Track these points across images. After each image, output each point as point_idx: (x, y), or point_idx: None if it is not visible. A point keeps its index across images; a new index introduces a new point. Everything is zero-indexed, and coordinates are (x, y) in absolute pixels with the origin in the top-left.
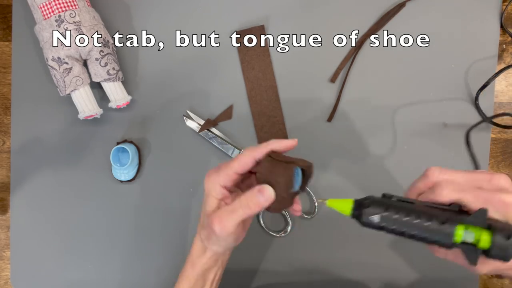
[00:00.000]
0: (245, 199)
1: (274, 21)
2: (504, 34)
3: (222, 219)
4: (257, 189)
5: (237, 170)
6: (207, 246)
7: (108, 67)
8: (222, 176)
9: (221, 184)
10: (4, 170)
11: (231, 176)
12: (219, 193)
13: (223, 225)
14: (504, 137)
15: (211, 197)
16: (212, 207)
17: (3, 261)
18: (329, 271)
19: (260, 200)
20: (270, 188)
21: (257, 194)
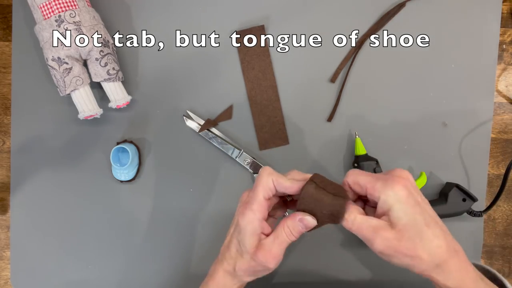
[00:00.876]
0: (287, 229)
1: (274, 21)
2: (504, 34)
3: (276, 254)
4: (298, 218)
5: (265, 196)
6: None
7: (108, 67)
8: (257, 211)
9: (258, 218)
10: (4, 170)
11: (263, 206)
12: (258, 229)
13: (277, 260)
14: (504, 137)
15: (250, 234)
16: (254, 244)
17: (3, 261)
18: (329, 271)
19: (301, 229)
20: (311, 218)
21: (299, 224)
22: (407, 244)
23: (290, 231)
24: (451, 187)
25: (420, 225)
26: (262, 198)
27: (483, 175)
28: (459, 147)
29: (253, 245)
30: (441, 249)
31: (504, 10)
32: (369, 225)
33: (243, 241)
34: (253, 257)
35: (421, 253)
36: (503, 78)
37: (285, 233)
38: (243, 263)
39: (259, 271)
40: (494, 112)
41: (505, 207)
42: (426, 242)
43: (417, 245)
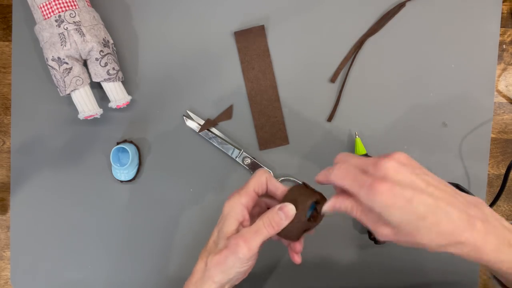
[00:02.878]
0: (267, 218)
1: (274, 21)
2: (504, 34)
3: (248, 239)
4: (278, 207)
5: (255, 188)
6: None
7: (108, 67)
8: (243, 195)
9: (242, 203)
10: (4, 170)
11: (251, 195)
12: (239, 213)
13: (249, 246)
14: (504, 137)
15: (230, 218)
16: (232, 229)
17: (3, 261)
18: (329, 269)
19: (281, 217)
20: (291, 205)
21: (278, 211)
22: (405, 238)
23: (269, 220)
24: None
25: (413, 221)
26: (251, 189)
27: (483, 175)
28: (459, 147)
29: (231, 229)
30: (444, 235)
31: (504, 10)
32: (369, 219)
33: (222, 226)
34: (225, 241)
35: (422, 241)
36: (503, 78)
37: (262, 221)
38: (216, 253)
39: (231, 266)
40: (494, 112)
41: (505, 207)
42: (424, 233)
43: (415, 237)
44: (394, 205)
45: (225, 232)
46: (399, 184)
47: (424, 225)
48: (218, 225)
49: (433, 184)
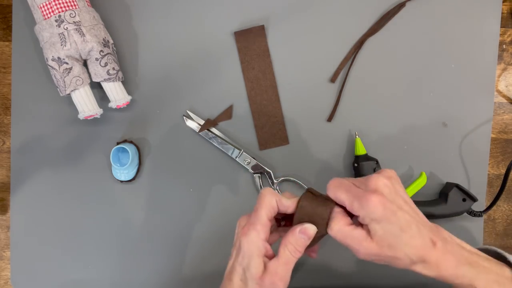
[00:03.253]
0: (291, 245)
1: (274, 21)
2: (504, 34)
3: (282, 275)
4: (298, 230)
5: (269, 216)
6: None
7: (108, 67)
8: (261, 230)
9: (262, 238)
10: (4, 170)
11: (267, 226)
12: (262, 250)
13: (285, 280)
14: (504, 137)
15: (255, 258)
16: (260, 269)
17: (3, 261)
18: (329, 269)
19: (304, 239)
20: (311, 225)
21: (300, 235)
22: (386, 251)
23: (294, 247)
24: (451, 187)
25: (396, 232)
26: (266, 218)
27: (483, 175)
28: (459, 147)
29: (260, 269)
30: (416, 248)
31: (504, 10)
32: (352, 237)
33: (248, 265)
34: (259, 282)
35: (399, 255)
36: (503, 78)
37: (288, 251)
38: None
39: None
40: (494, 112)
41: (505, 207)
42: (402, 246)
43: (395, 250)
44: (383, 216)
45: (254, 274)
46: (387, 197)
47: (403, 237)
48: (240, 261)
49: (408, 204)
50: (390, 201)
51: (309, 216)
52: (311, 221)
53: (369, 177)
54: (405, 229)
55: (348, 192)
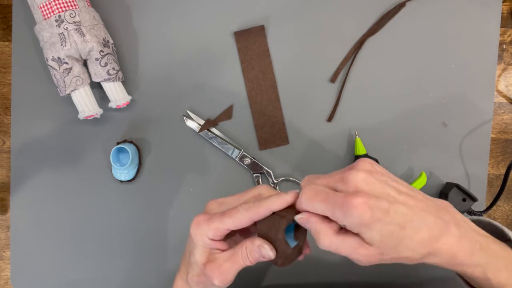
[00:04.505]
0: (245, 252)
1: (274, 21)
2: (504, 34)
3: (224, 271)
4: (257, 245)
5: (230, 227)
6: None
7: (108, 67)
8: (212, 229)
9: (209, 237)
10: (4, 170)
11: (222, 232)
12: (207, 244)
13: (224, 278)
14: (504, 137)
15: (199, 247)
16: (203, 258)
17: (3, 261)
18: (329, 270)
19: (258, 256)
20: (269, 247)
21: (257, 250)
22: (390, 253)
23: (247, 254)
24: (451, 187)
25: (396, 232)
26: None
27: (483, 175)
28: (459, 147)
29: (203, 258)
30: (424, 242)
31: (504, 10)
32: (347, 246)
33: (193, 253)
34: (201, 268)
35: (406, 254)
36: (503, 78)
37: (241, 254)
38: (193, 273)
39: (208, 285)
40: (494, 112)
41: (505, 207)
42: (407, 244)
43: (400, 250)
44: (373, 219)
45: (198, 260)
46: (373, 195)
47: (405, 235)
48: (189, 245)
49: (403, 192)
50: (376, 198)
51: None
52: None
53: (345, 175)
54: (405, 225)
55: (325, 201)
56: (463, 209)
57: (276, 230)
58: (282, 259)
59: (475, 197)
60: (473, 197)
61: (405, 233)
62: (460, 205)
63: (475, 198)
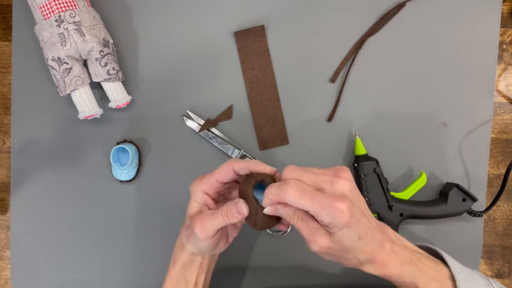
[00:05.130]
0: (224, 208)
1: (274, 21)
2: (504, 34)
3: (203, 222)
4: (235, 201)
5: (217, 178)
6: (185, 245)
7: (108, 67)
8: (204, 183)
9: (202, 190)
10: (4, 170)
11: (212, 184)
12: (200, 198)
13: (203, 227)
14: (504, 137)
15: (193, 200)
16: (194, 210)
17: (3, 261)
18: (329, 272)
19: (235, 214)
20: (243, 203)
21: (234, 205)
22: (340, 252)
23: (226, 212)
24: (451, 187)
25: (353, 240)
26: (214, 179)
27: (483, 175)
28: (459, 147)
29: (193, 211)
30: (366, 252)
31: (504, 10)
32: (308, 227)
33: (188, 205)
34: (189, 220)
35: (350, 257)
36: (503, 78)
37: (221, 211)
38: (184, 227)
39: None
40: (494, 112)
41: (505, 207)
42: (356, 251)
43: (348, 253)
44: (348, 223)
45: (189, 212)
46: (353, 203)
47: (359, 244)
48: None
49: (366, 208)
50: (355, 207)
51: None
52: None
53: (335, 179)
54: (362, 237)
55: (312, 200)
56: (463, 209)
57: (247, 186)
58: (256, 219)
59: (475, 197)
60: (473, 197)
61: (360, 243)
62: (460, 205)
63: (475, 198)
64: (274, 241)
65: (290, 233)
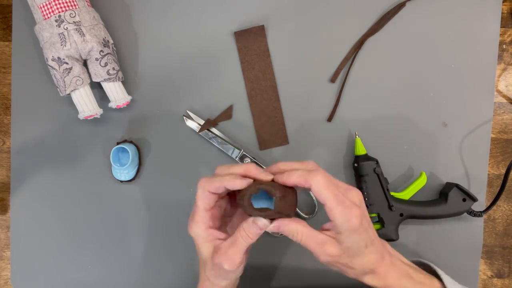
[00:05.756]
0: (243, 231)
1: (274, 21)
2: (504, 34)
3: (228, 255)
4: (251, 221)
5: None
6: (217, 282)
7: (108, 67)
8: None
9: (202, 228)
10: (4, 170)
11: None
12: (206, 237)
13: (231, 261)
14: (504, 137)
15: (201, 243)
16: (209, 251)
17: (3, 261)
18: (329, 272)
19: (256, 230)
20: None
21: (252, 225)
22: (346, 259)
23: (246, 233)
24: (451, 187)
25: (361, 247)
26: (203, 210)
27: (483, 175)
28: (459, 147)
29: (209, 252)
30: (371, 262)
31: (504, 10)
32: (316, 241)
33: (199, 252)
34: (211, 261)
35: (355, 265)
36: (503, 78)
37: (240, 235)
38: (208, 269)
39: (220, 274)
40: (494, 112)
41: (505, 207)
42: (361, 259)
43: (354, 261)
44: (358, 229)
45: (205, 255)
46: (363, 213)
47: (365, 252)
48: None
49: (371, 222)
50: (365, 217)
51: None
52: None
53: (348, 186)
54: (368, 245)
55: (335, 196)
56: (463, 209)
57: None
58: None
59: (475, 197)
60: (473, 197)
61: (366, 251)
62: (460, 205)
63: (475, 198)
64: (274, 241)
65: None
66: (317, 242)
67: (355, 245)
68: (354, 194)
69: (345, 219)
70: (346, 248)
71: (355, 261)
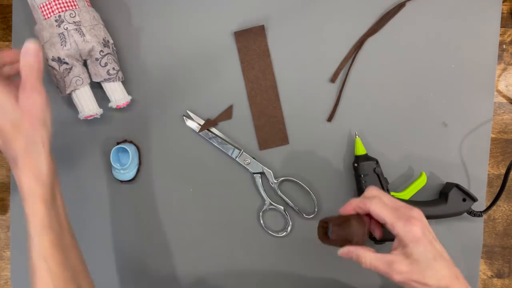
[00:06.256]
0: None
1: (274, 21)
2: (504, 34)
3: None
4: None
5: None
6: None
7: (108, 67)
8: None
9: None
10: (4, 170)
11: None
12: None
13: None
14: (504, 137)
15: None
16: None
17: (3, 261)
18: (329, 271)
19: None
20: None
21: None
22: (418, 275)
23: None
24: (451, 187)
25: (430, 259)
26: None
27: (483, 175)
28: (459, 147)
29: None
30: (445, 277)
31: (504, 10)
32: (384, 262)
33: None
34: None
35: (429, 281)
36: (503, 78)
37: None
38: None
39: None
40: (494, 112)
41: (505, 207)
42: (433, 273)
43: (426, 275)
44: (421, 241)
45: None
46: (426, 227)
47: (435, 266)
48: None
49: (435, 237)
50: (427, 230)
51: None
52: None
53: (408, 206)
54: (437, 259)
55: (393, 213)
56: (463, 209)
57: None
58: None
59: (475, 197)
60: (473, 197)
61: (436, 264)
62: (460, 205)
63: (475, 198)
64: (274, 241)
65: (290, 234)
66: (385, 262)
67: (422, 257)
68: (414, 211)
69: (407, 230)
70: (414, 262)
71: (427, 275)
